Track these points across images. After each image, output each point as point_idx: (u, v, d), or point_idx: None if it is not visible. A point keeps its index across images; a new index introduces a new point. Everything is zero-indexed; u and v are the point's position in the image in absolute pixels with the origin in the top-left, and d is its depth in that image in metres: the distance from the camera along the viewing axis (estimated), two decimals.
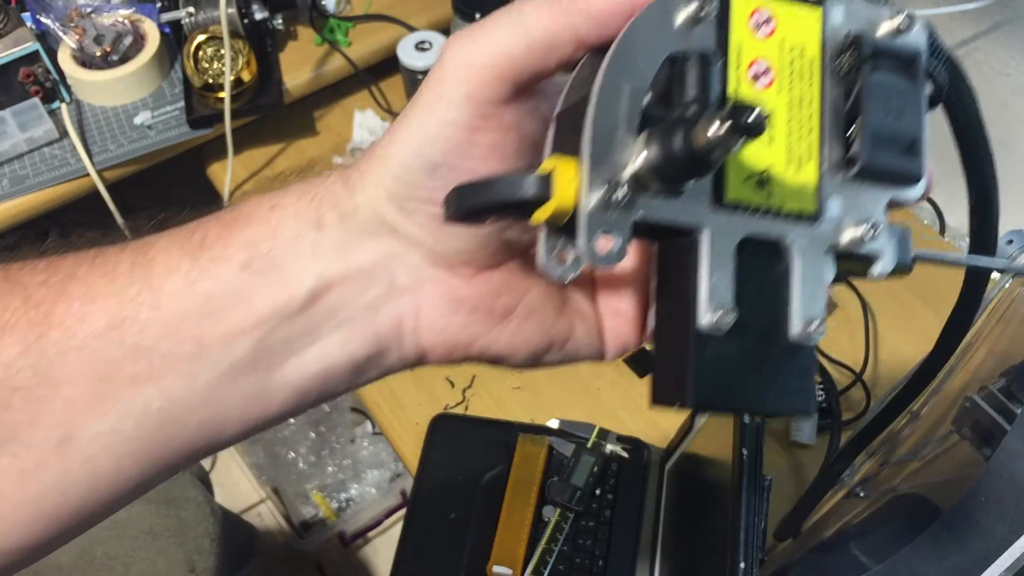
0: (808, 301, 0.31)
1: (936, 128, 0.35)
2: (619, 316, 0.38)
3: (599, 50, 0.31)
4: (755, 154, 0.31)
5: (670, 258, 0.32)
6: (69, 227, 1.57)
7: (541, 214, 0.29)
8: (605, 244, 0.28)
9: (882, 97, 0.31)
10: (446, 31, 1.17)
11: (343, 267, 0.34)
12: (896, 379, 0.64)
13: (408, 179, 0.33)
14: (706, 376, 0.30)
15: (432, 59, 1.14)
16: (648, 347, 0.34)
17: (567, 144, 0.30)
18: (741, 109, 0.26)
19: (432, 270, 0.35)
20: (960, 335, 0.46)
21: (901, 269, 0.33)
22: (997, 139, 0.39)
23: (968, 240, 0.42)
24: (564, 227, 0.30)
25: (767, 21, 0.31)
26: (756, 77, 0.31)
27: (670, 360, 0.31)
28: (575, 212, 0.29)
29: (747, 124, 0.26)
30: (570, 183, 0.29)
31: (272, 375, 0.35)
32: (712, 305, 0.29)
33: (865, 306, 1.01)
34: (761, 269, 0.31)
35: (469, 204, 0.30)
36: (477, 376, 0.98)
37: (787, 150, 0.31)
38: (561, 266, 0.31)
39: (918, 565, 0.52)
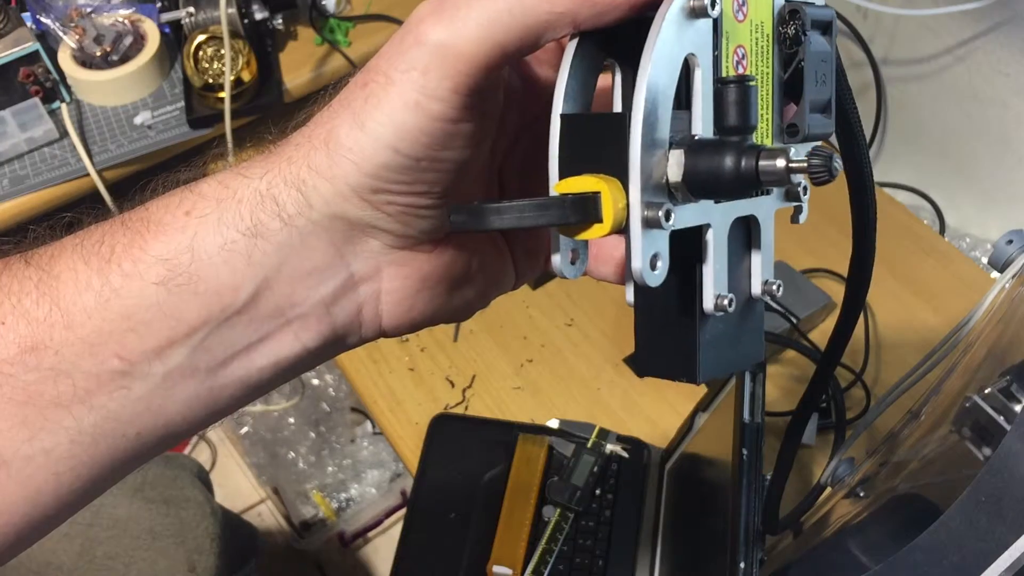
0: (767, 263, 0.34)
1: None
2: (530, 253, 0.39)
3: (585, 35, 0.31)
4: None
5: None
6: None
7: (592, 234, 0.29)
8: (653, 268, 0.29)
9: (814, 67, 0.33)
10: None
11: (290, 271, 0.32)
12: (896, 379, 0.64)
13: (383, 176, 0.31)
14: (708, 354, 0.33)
15: None
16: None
17: (596, 159, 0.30)
18: (823, 156, 0.29)
19: (392, 253, 0.34)
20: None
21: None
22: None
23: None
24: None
25: (743, 3, 0.32)
26: (738, 63, 0.32)
27: (667, 338, 0.33)
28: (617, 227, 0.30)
29: (830, 172, 0.30)
30: (620, 207, 0.29)
31: (216, 375, 0.33)
32: (715, 293, 0.32)
33: (865, 306, 1.01)
34: (738, 246, 0.34)
35: (504, 224, 0.28)
36: (477, 376, 0.98)
37: (757, 131, 0.33)
38: (572, 266, 0.33)
39: (918, 565, 0.52)
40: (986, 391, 0.59)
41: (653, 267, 0.29)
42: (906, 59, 1.05)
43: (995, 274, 0.91)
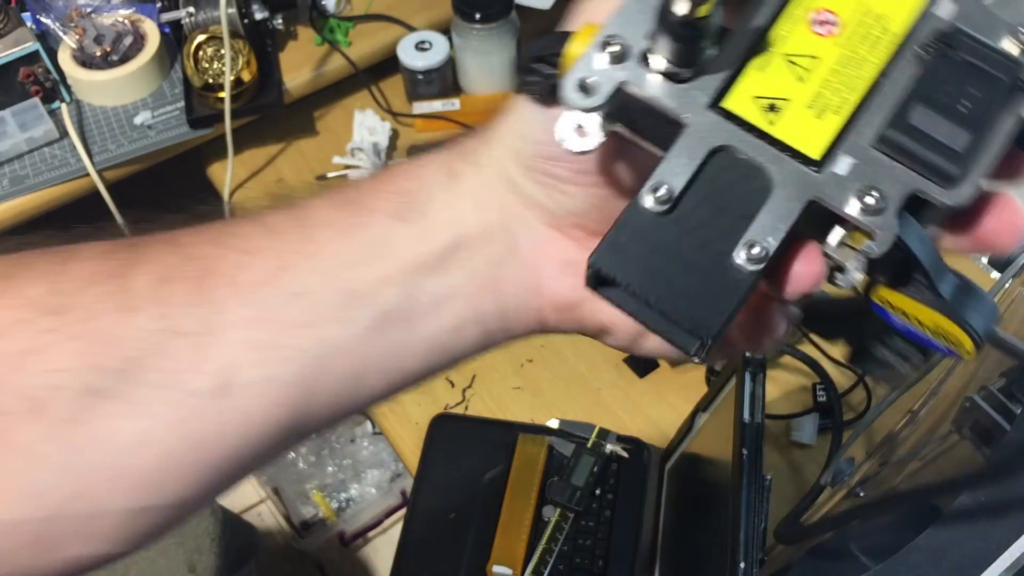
0: (761, 229, 0.30)
1: None
2: None
3: None
4: (777, 81, 0.31)
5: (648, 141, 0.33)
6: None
7: (563, 60, 0.31)
8: (586, 94, 0.30)
9: (955, 83, 0.30)
10: (446, 31, 1.17)
11: (474, 220, 0.35)
12: None
13: (537, 138, 0.34)
14: (620, 247, 0.30)
15: (432, 59, 1.14)
16: None
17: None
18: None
19: (547, 231, 0.36)
20: None
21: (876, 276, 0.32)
22: None
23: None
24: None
25: None
26: (819, 23, 0.31)
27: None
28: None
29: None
30: (585, 36, 0.30)
31: (414, 327, 0.35)
32: (653, 184, 0.30)
33: None
34: (730, 184, 0.30)
35: (531, 55, 0.31)
36: (477, 376, 0.98)
37: (815, 94, 0.31)
38: (576, 138, 0.32)
39: (918, 565, 0.52)
40: (986, 391, 0.59)
41: (581, 98, 0.30)
42: None
43: (995, 274, 0.91)
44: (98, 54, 1.08)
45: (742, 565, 0.63)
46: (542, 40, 0.33)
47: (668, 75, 0.31)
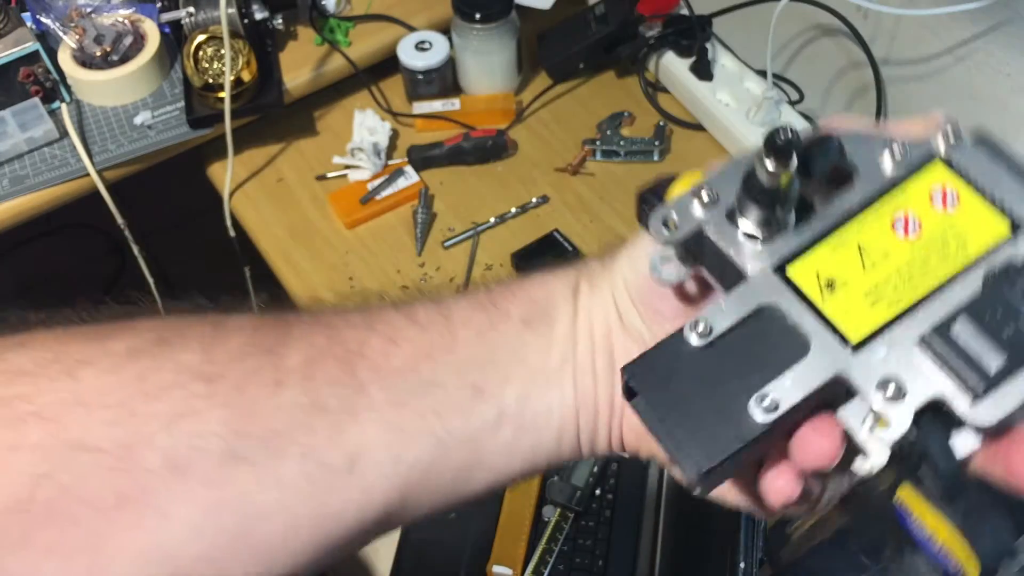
0: (781, 386, 0.31)
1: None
2: None
3: None
4: (843, 263, 0.33)
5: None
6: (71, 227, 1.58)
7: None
8: (667, 229, 0.35)
9: (1006, 311, 0.31)
10: (446, 31, 1.17)
11: (586, 338, 0.38)
12: None
13: (645, 271, 0.36)
14: (654, 366, 0.33)
15: (432, 59, 1.14)
16: None
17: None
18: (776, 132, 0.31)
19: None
20: None
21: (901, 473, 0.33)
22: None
23: None
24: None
25: (948, 199, 0.33)
26: (902, 225, 0.33)
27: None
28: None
29: (773, 143, 0.31)
30: (686, 181, 0.34)
31: (525, 430, 0.38)
32: (699, 319, 0.33)
33: None
34: (769, 338, 0.33)
35: (648, 188, 0.36)
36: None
37: (874, 285, 0.33)
38: (662, 268, 0.35)
39: (919, 564, 0.52)
40: None
41: (666, 232, 0.35)
42: (906, 59, 1.05)
43: None
44: (98, 54, 1.08)
45: (742, 565, 0.63)
46: (661, 179, 0.36)
47: (746, 233, 0.34)
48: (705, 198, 0.35)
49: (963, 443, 0.31)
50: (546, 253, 1.01)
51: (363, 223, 1.08)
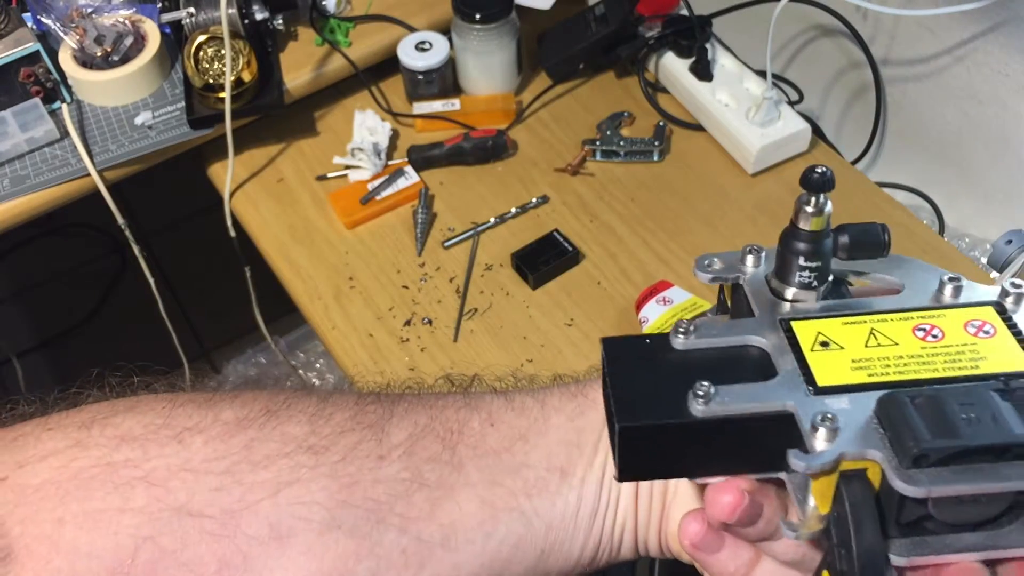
0: (726, 391, 0.34)
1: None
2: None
3: None
4: (849, 336, 0.35)
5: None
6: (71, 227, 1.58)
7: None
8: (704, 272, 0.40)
9: (977, 404, 0.31)
10: (446, 31, 1.17)
11: None
12: None
13: None
14: (629, 343, 0.36)
15: (432, 59, 1.15)
16: None
17: None
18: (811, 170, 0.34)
19: None
20: None
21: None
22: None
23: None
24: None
25: (983, 330, 0.34)
26: (924, 332, 0.35)
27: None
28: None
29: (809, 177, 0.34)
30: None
31: (596, 517, 0.40)
32: (689, 324, 0.36)
33: None
34: (744, 362, 0.35)
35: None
36: (478, 376, 0.98)
37: (868, 357, 0.34)
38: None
39: None
40: None
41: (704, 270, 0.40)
42: (906, 59, 1.05)
43: (994, 274, 0.91)
44: (99, 54, 1.08)
45: None
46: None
47: (772, 288, 0.37)
48: (751, 260, 0.39)
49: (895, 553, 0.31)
50: (546, 253, 1.02)
51: (363, 223, 1.09)
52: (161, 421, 0.36)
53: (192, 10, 1.11)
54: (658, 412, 0.33)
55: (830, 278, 0.37)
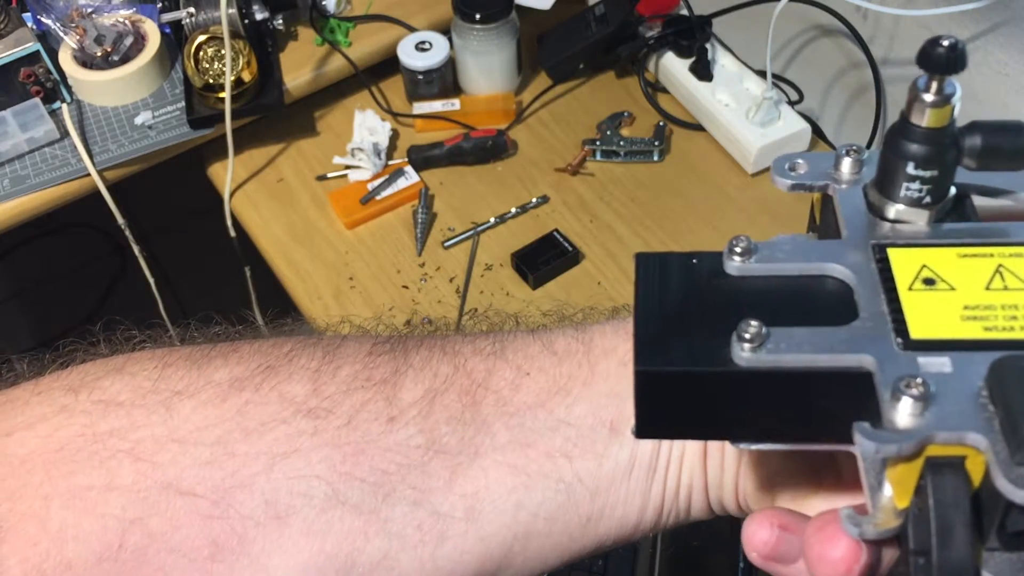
0: (783, 336, 0.27)
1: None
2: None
3: None
4: (960, 271, 0.27)
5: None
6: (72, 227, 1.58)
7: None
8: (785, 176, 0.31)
9: None
10: (446, 31, 1.17)
11: None
12: None
13: None
14: (666, 263, 0.29)
15: (432, 59, 1.15)
16: None
17: None
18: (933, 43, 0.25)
19: None
20: None
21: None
22: None
23: None
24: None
25: None
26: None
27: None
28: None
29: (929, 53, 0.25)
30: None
31: (654, 478, 0.34)
32: (746, 238, 0.29)
33: None
34: (818, 297, 0.28)
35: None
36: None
37: (987, 303, 0.26)
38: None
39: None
40: None
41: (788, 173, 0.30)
42: (906, 59, 1.05)
43: None
44: (99, 54, 1.08)
45: (741, 565, 0.63)
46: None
47: (870, 201, 0.29)
48: (848, 165, 0.30)
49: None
50: (546, 253, 1.02)
51: (363, 223, 1.09)
52: (150, 384, 0.33)
53: (192, 10, 1.11)
54: (690, 356, 0.26)
55: (951, 193, 0.28)
